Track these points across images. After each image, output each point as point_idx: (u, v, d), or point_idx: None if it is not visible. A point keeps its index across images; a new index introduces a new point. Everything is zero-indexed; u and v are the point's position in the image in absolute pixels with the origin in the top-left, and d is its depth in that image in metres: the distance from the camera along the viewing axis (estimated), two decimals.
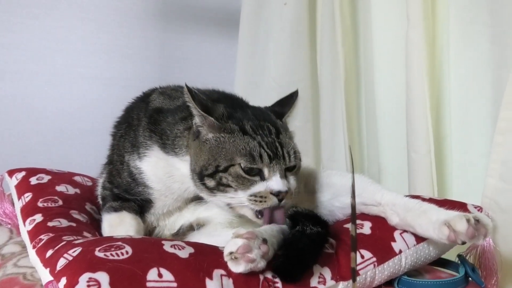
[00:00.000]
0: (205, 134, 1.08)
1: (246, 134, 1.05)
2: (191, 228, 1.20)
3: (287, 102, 1.21)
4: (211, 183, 1.06)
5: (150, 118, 1.19)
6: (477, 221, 0.95)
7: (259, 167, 1.03)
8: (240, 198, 1.05)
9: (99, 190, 1.31)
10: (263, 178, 1.04)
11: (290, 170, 1.08)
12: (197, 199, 1.21)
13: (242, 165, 1.03)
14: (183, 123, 1.14)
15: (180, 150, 1.13)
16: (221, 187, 1.05)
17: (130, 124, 1.24)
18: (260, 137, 1.05)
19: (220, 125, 1.06)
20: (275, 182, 1.03)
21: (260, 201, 1.03)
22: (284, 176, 1.05)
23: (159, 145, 1.16)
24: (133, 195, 1.20)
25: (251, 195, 1.04)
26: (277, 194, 1.03)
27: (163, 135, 1.16)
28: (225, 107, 1.09)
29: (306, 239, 0.96)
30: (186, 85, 1.06)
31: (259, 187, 1.04)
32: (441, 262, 1.16)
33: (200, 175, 1.07)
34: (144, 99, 1.28)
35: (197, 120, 1.08)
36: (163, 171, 1.17)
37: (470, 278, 1.09)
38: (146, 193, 1.19)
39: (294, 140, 1.14)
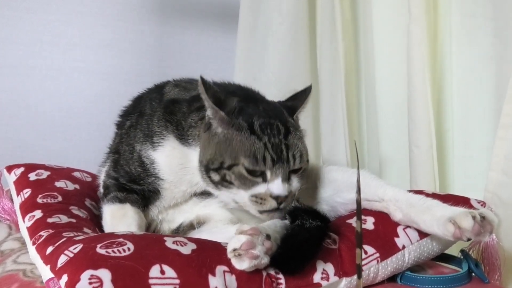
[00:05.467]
0: (215, 127, 1.08)
1: (253, 133, 1.04)
2: (191, 226, 1.20)
3: (300, 97, 1.20)
4: (215, 177, 1.07)
5: (165, 108, 1.19)
6: (483, 217, 0.94)
7: (262, 170, 1.03)
8: (242, 196, 1.06)
9: (102, 178, 1.29)
10: (265, 180, 1.04)
11: (295, 172, 1.08)
12: (201, 194, 1.21)
13: (245, 165, 1.03)
14: (198, 113, 1.15)
15: (193, 141, 1.14)
16: (225, 183, 1.06)
17: (142, 114, 1.23)
18: (267, 138, 1.04)
19: (229, 120, 1.06)
20: (276, 186, 1.03)
21: (260, 203, 1.04)
22: (287, 179, 1.05)
23: (174, 135, 1.16)
24: (142, 185, 1.19)
25: (252, 195, 1.04)
26: (276, 198, 1.03)
27: (179, 125, 1.16)
28: (238, 101, 1.09)
29: (305, 232, 0.95)
30: (201, 77, 1.06)
31: (260, 188, 1.04)
32: (444, 258, 1.15)
33: (206, 168, 1.08)
34: (157, 91, 1.28)
35: (209, 112, 1.08)
36: (177, 162, 1.17)
37: (473, 274, 1.08)
38: (156, 184, 1.18)
39: (304, 139, 1.13)
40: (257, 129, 1.05)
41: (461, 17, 1.40)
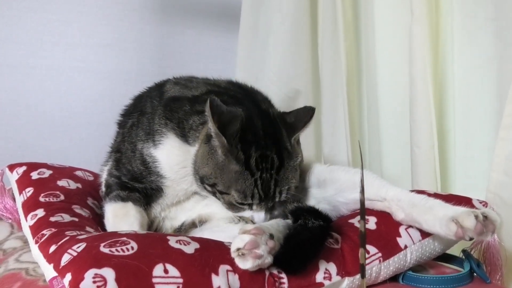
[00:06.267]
0: (215, 145, 1.09)
1: (248, 168, 1.08)
2: (193, 225, 1.21)
3: (302, 116, 1.20)
4: (208, 189, 1.13)
5: (166, 106, 1.20)
6: (485, 217, 0.94)
7: (250, 203, 1.11)
8: (229, 213, 1.16)
9: (104, 177, 1.30)
10: (251, 209, 1.13)
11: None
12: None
13: (235, 197, 1.10)
14: (199, 117, 1.16)
15: (193, 142, 1.16)
16: (215, 197, 1.14)
17: (143, 112, 1.24)
18: (259, 173, 1.08)
19: (229, 148, 1.07)
20: (258, 216, 1.13)
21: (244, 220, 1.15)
22: (271, 210, 1.14)
23: (174, 133, 1.17)
24: (144, 183, 1.20)
25: (236, 215, 1.16)
26: None
27: (180, 123, 1.18)
28: (241, 121, 1.09)
29: (307, 232, 0.96)
30: (210, 100, 1.05)
31: (245, 213, 1.14)
32: (445, 258, 1.16)
33: (201, 179, 1.13)
34: (157, 89, 1.29)
35: (212, 131, 1.09)
36: (178, 159, 1.18)
37: (475, 274, 1.08)
38: (158, 182, 1.19)
39: (298, 166, 1.16)
40: (252, 163, 1.08)
41: (462, 17, 1.40)
